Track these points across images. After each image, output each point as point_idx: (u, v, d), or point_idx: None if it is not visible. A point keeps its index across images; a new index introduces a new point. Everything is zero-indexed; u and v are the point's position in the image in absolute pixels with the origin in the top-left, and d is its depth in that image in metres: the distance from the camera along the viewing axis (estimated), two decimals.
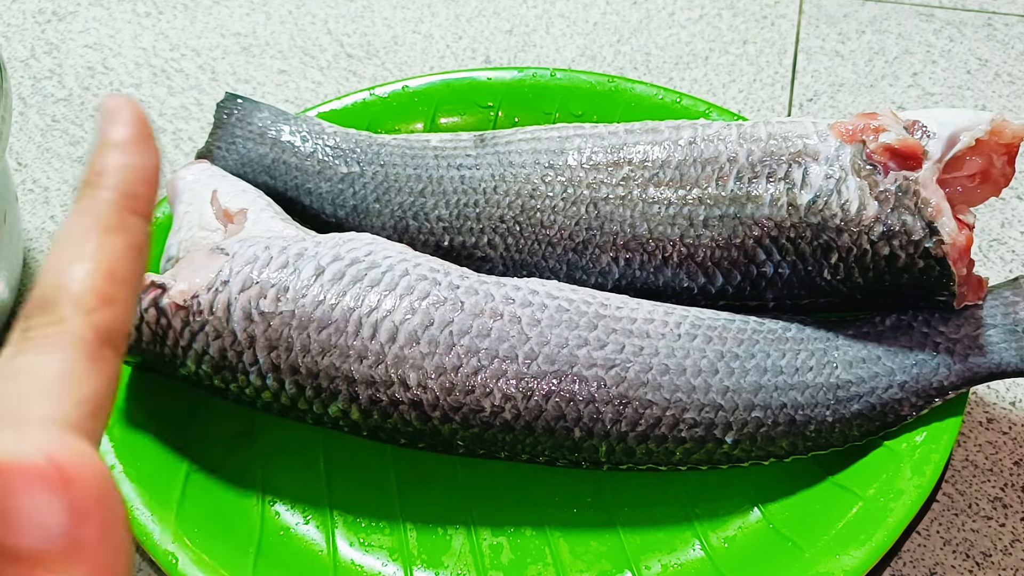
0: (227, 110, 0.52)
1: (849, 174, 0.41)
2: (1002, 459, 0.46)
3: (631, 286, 0.45)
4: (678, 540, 0.42)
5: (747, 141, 0.44)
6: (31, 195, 0.61)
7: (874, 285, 0.42)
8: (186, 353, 0.41)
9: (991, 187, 0.42)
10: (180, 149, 0.64)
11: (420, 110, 0.56)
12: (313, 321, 0.39)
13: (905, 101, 0.64)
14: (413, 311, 0.40)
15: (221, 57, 0.70)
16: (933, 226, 0.40)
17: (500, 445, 0.41)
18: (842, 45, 0.69)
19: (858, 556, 0.38)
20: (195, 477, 0.43)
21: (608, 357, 0.40)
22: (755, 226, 0.43)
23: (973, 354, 0.41)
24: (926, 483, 0.40)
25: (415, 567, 0.41)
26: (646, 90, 0.55)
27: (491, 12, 0.73)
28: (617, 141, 0.46)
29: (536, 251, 0.46)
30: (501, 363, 0.39)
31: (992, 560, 0.43)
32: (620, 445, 0.40)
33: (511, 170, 0.46)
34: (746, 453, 0.41)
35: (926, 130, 0.41)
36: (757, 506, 0.42)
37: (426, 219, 0.47)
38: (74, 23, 0.73)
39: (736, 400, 0.40)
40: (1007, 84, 0.65)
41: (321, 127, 0.51)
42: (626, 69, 0.68)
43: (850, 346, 0.42)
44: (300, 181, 0.50)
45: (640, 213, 0.44)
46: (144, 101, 0.67)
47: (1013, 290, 0.43)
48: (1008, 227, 0.57)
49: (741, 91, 0.66)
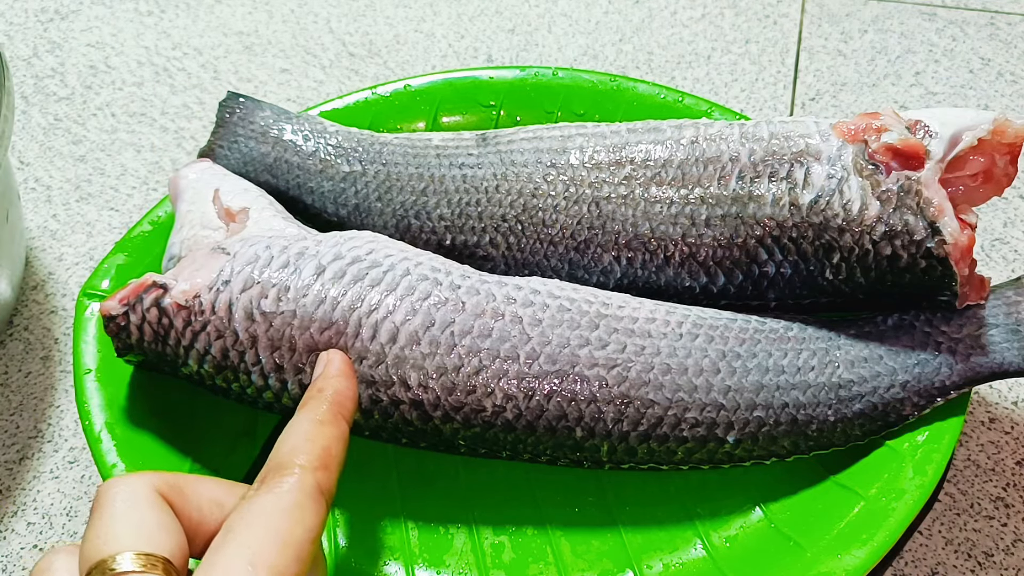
0: (229, 109, 0.52)
1: (851, 174, 0.41)
2: (1004, 459, 0.46)
3: (633, 285, 0.45)
4: (680, 539, 0.42)
5: (749, 140, 0.44)
6: (33, 194, 0.61)
7: (876, 285, 0.42)
8: (188, 353, 0.41)
9: (993, 187, 0.42)
10: (182, 148, 0.64)
11: (422, 109, 0.56)
12: (315, 321, 0.39)
13: (907, 100, 0.64)
14: (414, 311, 0.40)
15: (223, 56, 0.70)
16: (935, 226, 0.40)
17: (502, 445, 0.41)
18: (844, 44, 0.68)
19: (860, 556, 0.38)
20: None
21: (610, 357, 0.40)
22: (757, 226, 0.43)
23: (975, 354, 0.41)
24: (928, 483, 0.40)
25: (416, 566, 0.41)
26: (648, 89, 0.55)
27: (493, 11, 0.73)
28: (619, 140, 0.46)
29: (538, 250, 0.46)
30: (503, 363, 0.39)
31: (994, 560, 0.43)
32: (622, 444, 0.40)
33: (513, 169, 0.46)
34: (748, 452, 0.41)
35: (928, 130, 0.41)
36: (759, 505, 0.42)
37: (428, 218, 0.47)
38: (76, 22, 0.73)
39: (738, 399, 0.40)
40: (1010, 83, 0.65)
41: (323, 126, 0.51)
42: (628, 68, 0.68)
43: (852, 345, 0.42)
44: (302, 180, 0.50)
45: (642, 212, 0.44)
46: (146, 100, 0.67)
47: (1015, 290, 0.43)
48: (1011, 226, 0.57)
49: (743, 90, 0.66)
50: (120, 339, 0.42)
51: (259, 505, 0.29)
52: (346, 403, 0.35)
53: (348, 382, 0.36)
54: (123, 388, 0.44)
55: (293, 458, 0.31)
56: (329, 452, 0.32)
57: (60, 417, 0.50)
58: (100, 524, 0.29)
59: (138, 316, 0.41)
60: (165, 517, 0.30)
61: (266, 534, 0.28)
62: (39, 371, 0.52)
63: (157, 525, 0.29)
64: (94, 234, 0.58)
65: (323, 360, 0.37)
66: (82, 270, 0.57)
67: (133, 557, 0.28)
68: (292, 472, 0.30)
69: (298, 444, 0.32)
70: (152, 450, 0.43)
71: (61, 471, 0.48)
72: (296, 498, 0.29)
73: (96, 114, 0.66)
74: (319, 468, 0.31)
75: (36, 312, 0.54)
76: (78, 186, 0.61)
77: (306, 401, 0.34)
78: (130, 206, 0.60)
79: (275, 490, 0.29)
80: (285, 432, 0.33)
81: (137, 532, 0.29)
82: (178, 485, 0.31)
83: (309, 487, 0.30)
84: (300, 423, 0.33)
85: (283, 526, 0.28)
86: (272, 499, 0.29)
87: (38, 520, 0.46)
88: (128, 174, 0.62)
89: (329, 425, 0.33)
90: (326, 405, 0.34)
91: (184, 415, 0.45)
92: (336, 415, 0.34)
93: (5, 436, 0.49)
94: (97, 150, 0.63)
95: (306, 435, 0.32)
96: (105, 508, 0.29)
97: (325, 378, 0.36)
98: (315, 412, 0.33)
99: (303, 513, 0.29)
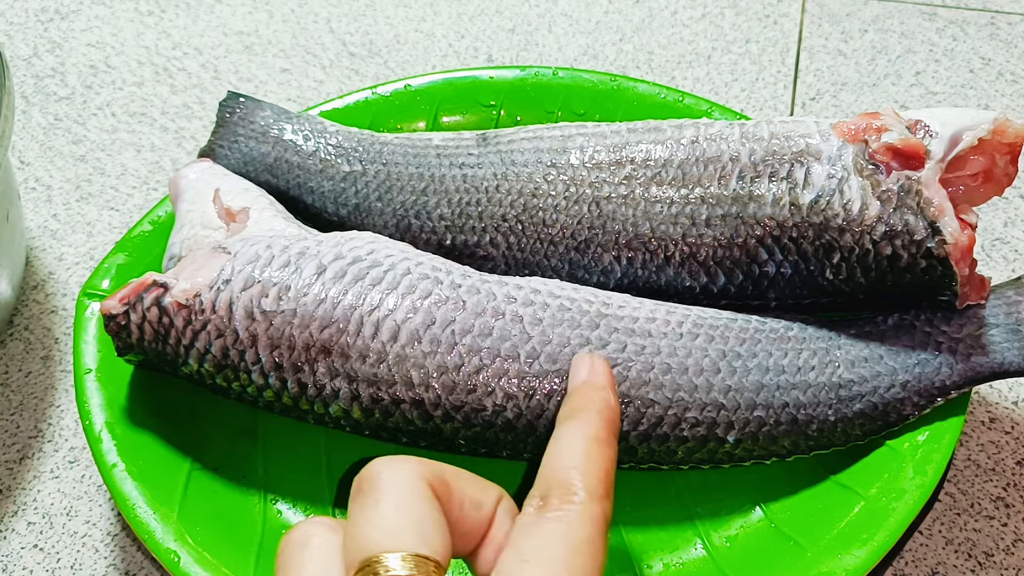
0: (229, 109, 0.52)
1: (851, 174, 0.41)
2: (1004, 459, 0.46)
3: (633, 285, 0.45)
4: (680, 539, 0.42)
5: (749, 140, 0.44)
6: (33, 193, 0.61)
7: (876, 285, 0.42)
8: (188, 352, 0.41)
9: (994, 186, 0.42)
10: (182, 148, 0.64)
11: (422, 109, 0.56)
12: (315, 320, 0.39)
13: (908, 100, 0.64)
14: (415, 310, 0.40)
15: (223, 56, 0.70)
16: (935, 226, 0.40)
17: (502, 444, 0.41)
18: (845, 44, 0.68)
19: (860, 555, 0.38)
20: (197, 475, 0.43)
21: (610, 356, 0.40)
22: (757, 225, 0.43)
23: (976, 353, 0.41)
24: (928, 482, 0.40)
25: None
26: (648, 89, 0.55)
27: (493, 11, 0.73)
28: (619, 140, 0.46)
29: (538, 250, 0.46)
30: (503, 362, 0.39)
31: (994, 560, 0.43)
32: (622, 444, 0.40)
33: (513, 169, 0.46)
34: (748, 452, 0.41)
35: (928, 129, 0.41)
36: (759, 505, 0.42)
37: (428, 218, 0.47)
38: (76, 21, 0.73)
39: (738, 399, 0.40)
40: (1010, 83, 0.65)
41: (323, 126, 0.51)
42: (629, 68, 0.68)
43: (852, 345, 0.42)
44: (302, 180, 0.50)
45: (642, 212, 0.44)
46: (146, 100, 0.67)
47: (1016, 289, 0.43)
48: (1011, 226, 0.57)
49: (743, 90, 0.66)
50: (120, 338, 0.42)
51: (554, 534, 0.28)
52: (617, 420, 0.33)
53: (615, 397, 0.34)
54: (123, 388, 0.44)
55: (576, 479, 0.29)
56: (610, 477, 0.30)
57: (60, 417, 0.50)
58: (374, 510, 0.27)
59: (138, 315, 0.41)
60: (438, 514, 0.28)
61: (565, 570, 0.27)
62: (39, 371, 0.52)
63: (432, 524, 0.27)
64: (94, 234, 0.58)
65: (585, 365, 0.35)
66: (82, 270, 0.57)
67: (408, 559, 0.26)
68: (578, 497, 0.29)
69: (579, 464, 0.30)
70: (152, 450, 0.43)
71: (61, 471, 0.48)
72: (589, 532, 0.28)
73: (96, 114, 0.66)
74: (603, 497, 0.29)
75: (36, 312, 0.54)
76: (78, 186, 0.61)
77: (575, 412, 0.32)
78: (130, 206, 0.60)
79: (565, 519, 0.28)
80: (559, 444, 0.31)
81: (412, 528, 0.27)
82: (444, 479, 0.29)
83: (599, 520, 0.29)
84: (575, 437, 0.31)
85: (578, 563, 0.27)
86: (564, 529, 0.28)
87: (38, 520, 0.46)
88: (128, 174, 0.62)
89: (606, 445, 0.31)
90: (601, 421, 0.32)
91: (184, 415, 0.45)
92: (611, 434, 0.32)
93: (5, 436, 0.49)
94: (97, 150, 0.63)
95: (586, 454, 0.30)
96: (378, 492, 0.27)
97: (594, 388, 0.33)
98: (590, 427, 0.31)
99: (595, 549, 0.28)
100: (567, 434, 0.31)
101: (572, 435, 0.31)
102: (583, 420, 0.32)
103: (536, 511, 0.29)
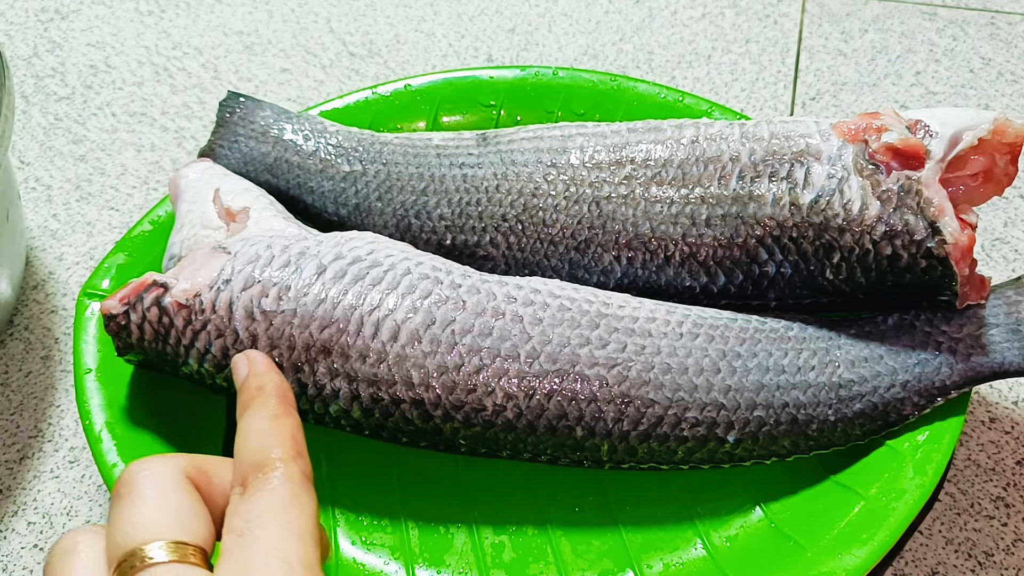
0: (229, 108, 0.52)
1: (851, 174, 0.41)
2: (1004, 459, 0.46)
3: (633, 285, 0.45)
4: (680, 539, 0.42)
5: (749, 140, 0.44)
6: (34, 193, 0.61)
7: (876, 285, 0.42)
8: (188, 352, 0.41)
9: (994, 186, 0.42)
10: (182, 148, 0.64)
11: (422, 109, 0.56)
12: (315, 320, 0.39)
13: (908, 100, 0.64)
14: (415, 310, 0.40)
15: (223, 55, 0.70)
16: (935, 226, 0.40)
17: (502, 444, 0.41)
18: (845, 44, 0.68)
19: (860, 555, 0.38)
20: None
21: (610, 356, 0.40)
22: (757, 225, 0.43)
23: (976, 353, 0.41)
24: (928, 482, 0.40)
25: (417, 565, 0.41)
26: (648, 89, 0.55)
27: (493, 11, 0.73)
28: (619, 140, 0.46)
29: (538, 250, 0.46)
30: (503, 362, 0.39)
31: (994, 560, 0.43)
32: (622, 444, 0.40)
33: (513, 169, 0.46)
34: (748, 452, 0.41)
35: (928, 129, 0.41)
36: (759, 505, 0.42)
37: (428, 218, 0.47)
38: (76, 21, 0.73)
39: (738, 399, 0.40)
40: (1010, 83, 0.65)
41: (323, 126, 0.51)
42: (629, 68, 0.68)
43: (852, 345, 0.42)
44: (302, 180, 0.50)
45: (642, 212, 0.44)
46: (146, 99, 0.67)
47: (1016, 289, 0.43)
48: (1011, 226, 0.57)
49: (744, 90, 0.66)
50: (120, 338, 0.42)
51: (261, 505, 0.29)
52: (288, 394, 0.34)
53: (280, 375, 0.35)
54: (123, 388, 0.44)
55: (268, 454, 0.30)
56: (297, 440, 0.31)
57: (60, 417, 0.50)
58: (130, 509, 0.28)
59: (138, 315, 0.41)
60: (196, 503, 0.29)
61: (281, 531, 0.28)
62: (39, 371, 0.52)
63: (189, 512, 0.28)
64: (94, 234, 0.58)
65: (244, 360, 0.36)
66: (82, 270, 0.57)
67: (167, 546, 0.27)
68: (275, 467, 0.30)
69: (265, 441, 0.31)
70: (152, 450, 0.43)
71: (61, 471, 0.48)
72: (291, 490, 0.29)
73: (96, 114, 0.66)
74: (296, 457, 0.30)
75: (36, 312, 0.54)
76: (78, 186, 0.61)
77: (249, 402, 0.33)
78: (130, 206, 0.60)
79: (267, 487, 0.29)
80: (243, 434, 0.32)
81: (170, 519, 0.28)
82: (204, 469, 0.30)
83: (296, 476, 0.30)
84: (255, 422, 0.32)
85: (291, 519, 0.28)
86: (269, 496, 0.29)
87: (38, 520, 0.46)
88: (128, 174, 0.62)
89: (285, 417, 0.32)
90: (274, 400, 0.33)
91: (184, 415, 0.45)
92: (287, 407, 0.33)
93: (5, 436, 0.49)
94: (97, 150, 0.63)
95: (268, 431, 0.31)
96: (134, 492, 0.28)
97: (258, 376, 0.34)
98: (265, 409, 0.32)
99: (301, 501, 0.29)
100: (246, 424, 0.32)
101: (251, 423, 0.32)
102: (256, 406, 0.33)
103: (241, 494, 0.29)
